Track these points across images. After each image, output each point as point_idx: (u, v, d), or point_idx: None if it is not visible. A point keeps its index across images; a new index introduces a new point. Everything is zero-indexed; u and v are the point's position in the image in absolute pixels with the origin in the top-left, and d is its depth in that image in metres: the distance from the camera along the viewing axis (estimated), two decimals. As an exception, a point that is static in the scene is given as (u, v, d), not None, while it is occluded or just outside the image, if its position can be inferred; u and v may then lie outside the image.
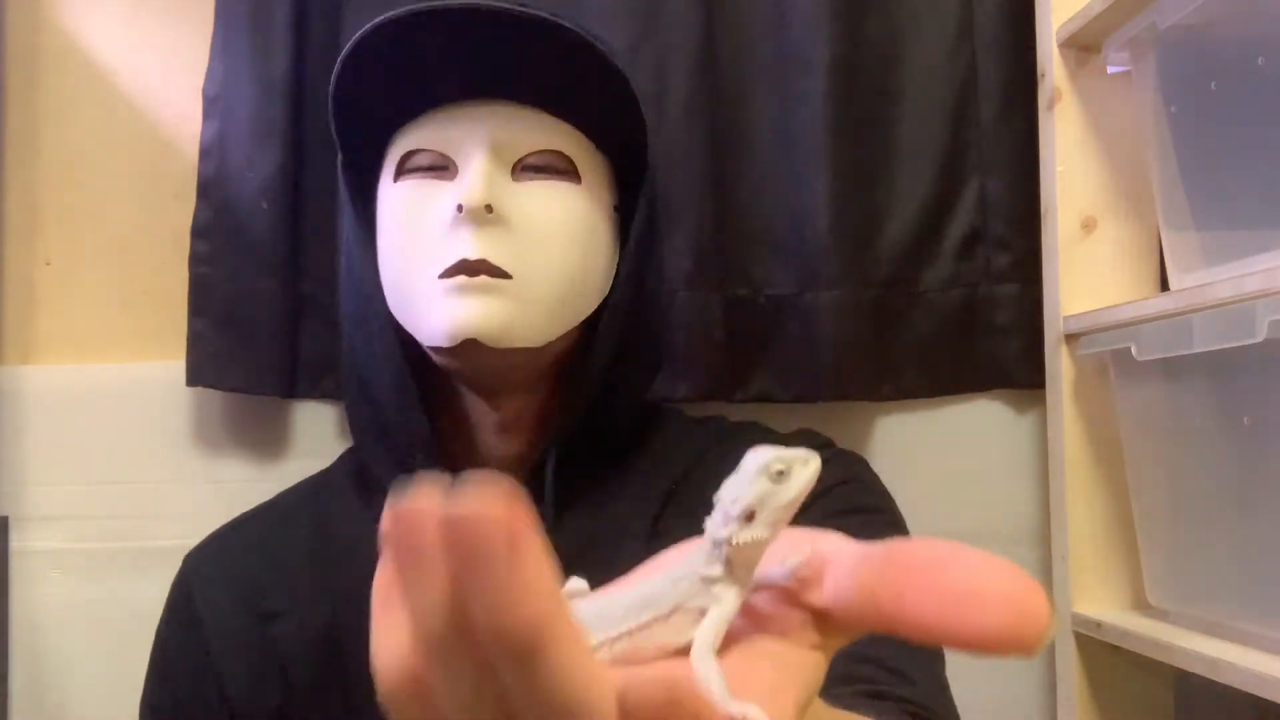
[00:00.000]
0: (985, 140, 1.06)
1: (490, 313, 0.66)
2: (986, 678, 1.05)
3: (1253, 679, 0.72)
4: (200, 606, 0.74)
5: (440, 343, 0.68)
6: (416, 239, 0.69)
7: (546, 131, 0.70)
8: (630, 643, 0.28)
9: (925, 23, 1.07)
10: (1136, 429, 0.91)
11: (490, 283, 0.66)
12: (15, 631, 1.03)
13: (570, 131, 0.71)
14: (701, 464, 0.75)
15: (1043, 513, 1.04)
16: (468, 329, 0.66)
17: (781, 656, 0.28)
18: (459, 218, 0.66)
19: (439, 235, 0.68)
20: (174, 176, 1.06)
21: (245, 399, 1.03)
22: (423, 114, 0.71)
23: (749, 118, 1.05)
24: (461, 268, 0.66)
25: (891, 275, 1.06)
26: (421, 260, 0.68)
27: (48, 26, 1.08)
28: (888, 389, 1.05)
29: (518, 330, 0.67)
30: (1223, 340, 0.74)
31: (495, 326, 0.66)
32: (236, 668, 0.72)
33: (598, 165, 0.73)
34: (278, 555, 0.75)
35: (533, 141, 0.70)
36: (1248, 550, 0.78)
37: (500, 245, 0.67)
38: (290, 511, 0.79)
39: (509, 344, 0.68)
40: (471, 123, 0.69)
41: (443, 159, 0.70)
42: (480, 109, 0.70)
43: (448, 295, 0.66)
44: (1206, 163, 0.83)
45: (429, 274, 0.67)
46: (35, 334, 1.07)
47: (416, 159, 0.71)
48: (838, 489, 0.72)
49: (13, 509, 1.04)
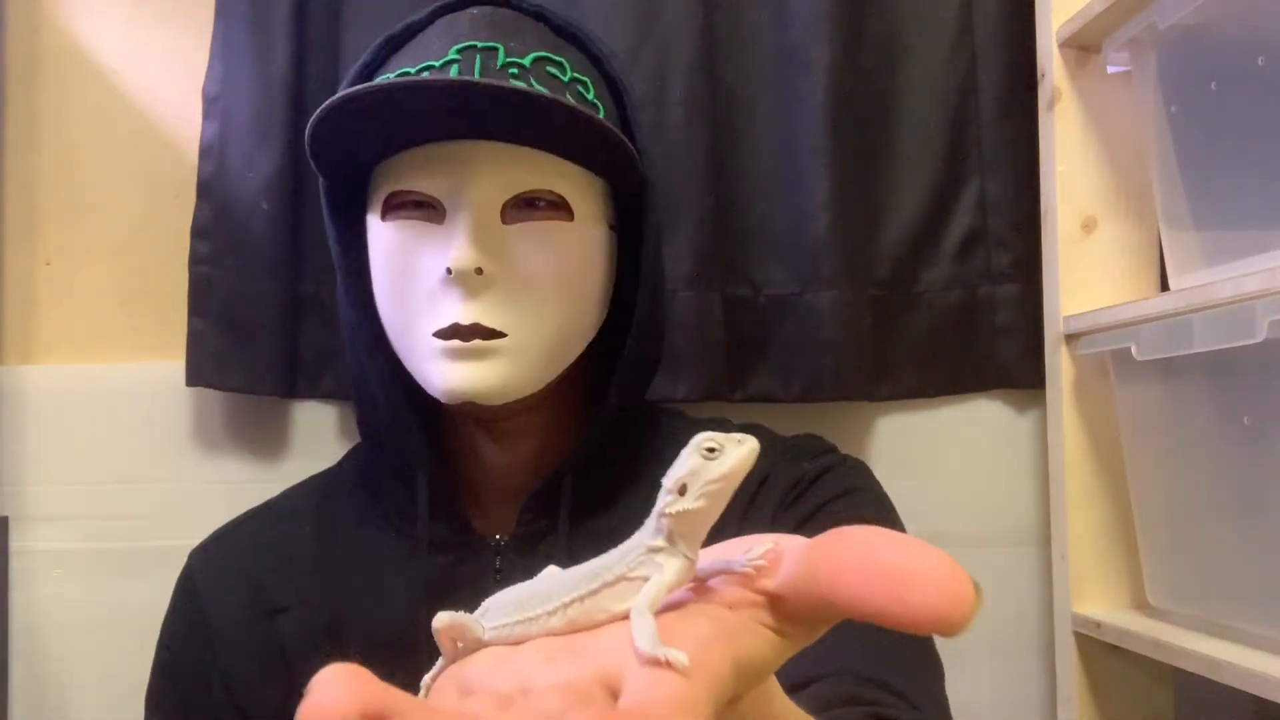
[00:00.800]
0: (985, 140, 1.06)
1: (485, 375, 0.66)
2: (986, 678, 1.05)
3: (1253, 679, 0.72)
4: (205, 602, 0.74)
5: (439, 398, 0.68)
6: (409, 287, 0.68)
7: (535, 170, 0.67)
8: (581, 608, 0.32)
9: (925, 23, 1.07)
10: (1136, 429, 0.91)
11: (484, 346, 0.66)
12: (15, 631, 1.03)
13: (558, 164, 0.68)
14: None
15: (1043, 513, 1.04)
16: (464, 393, 0.66)
17: (721, 618, 0.30)
18: (449, 279, 0.65)
19: (431, 291, 0.67)
20: (174, 176, 1.06)
21: (245, 399, 1.03)
22: (405, 149, 0.69)
23: (749, 118, 1.05)
24: (454, 332, 0.66)
25: (891, 275, 1.06)
26: (415, 312, 0.67)
27: (48, 26, 1.08)
28: (887, 389, 1.05)
29: (514, 386, 0.67)
30: (1223, 340, 0.74)
31: (491, 388, 0.66)
32: (241, 662, 0.72)
33: (590, 191, 0.70)
34: (282, 552, 0.75)
35: (521, 182, 0.67)
36: (1248, 550, 0.78)
37: (492, 306, 0.66)
38: (295, 509, 0.79)
39: (507, 400, 0.68)
40: (456, 165, 0.67)
41: (429, 199, 0.68)
42: (465, 147, 0.67)
43: (443, 357, 0.66)
44: (1206, 163, 0.83)
45: (424, 330, 0.67)
46: (35, 334, 1.07)
47: (403, 197, 0.69)
48: (841, 499, 0.71)
49: (13, 509, 1.04)
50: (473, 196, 0.66)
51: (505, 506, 0.73)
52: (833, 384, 1.01)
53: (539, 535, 0.71)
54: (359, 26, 1.03)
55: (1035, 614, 1.05)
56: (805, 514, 0.71)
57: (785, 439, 0.79)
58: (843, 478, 0.74)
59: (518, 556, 0.70)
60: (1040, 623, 1.05)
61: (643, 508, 0.31)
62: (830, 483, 0.73)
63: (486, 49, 0.66)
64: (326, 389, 1.04)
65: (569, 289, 0.69)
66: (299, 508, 0.78)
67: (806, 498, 0.72)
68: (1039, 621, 1.05)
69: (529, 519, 0.71)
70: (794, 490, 0.72)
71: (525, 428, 0.73)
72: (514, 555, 0.71)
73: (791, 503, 0.71)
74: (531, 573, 0.36)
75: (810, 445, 0.78)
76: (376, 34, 0.99)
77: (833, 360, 1.00)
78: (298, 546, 0.75)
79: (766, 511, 0.71)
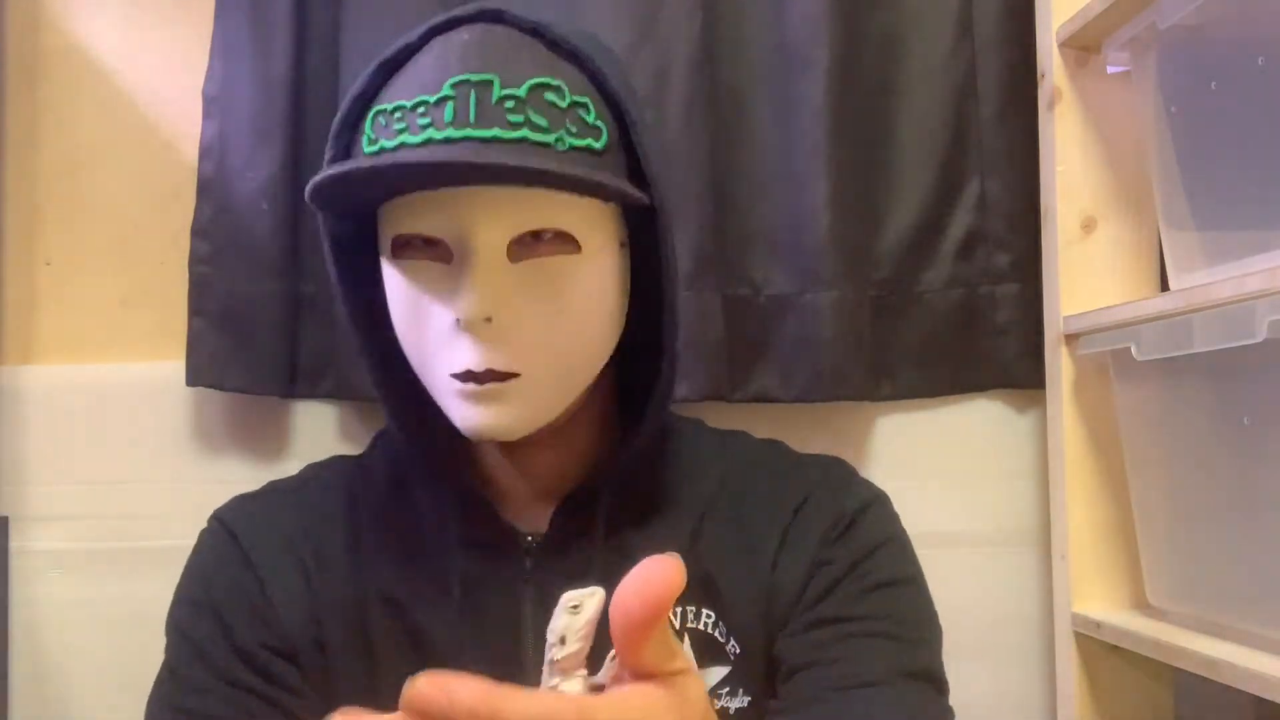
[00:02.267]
0: (985, 140, 1.06)
1: (500, 416, 0.67)
2: (987, 678, 1.05)
3: (1253, 679, 0.72)
4: (248, 546, 0.74)
5: (462, 433, 0.69)
6: (424, 329, 0.68)
7: (539, 207, 0.66)
8: None
9: (925, 23, 1.07)
10: (1136, 429, 0.91)
11: (499, 388, 0.66)
12: (15, 631, 1.03)
13: (563, 199, 0.67)
14: (727, 490, 0.76)
15: (1043, 513, 1.04)
16: (483, 432, 0.67)
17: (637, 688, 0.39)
18: (459, 326, 0.66)
19: (443, 335, 0.67)
20: (174, 176, 1.06)
21: (245, 399, 1.03)
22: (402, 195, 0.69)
23: (749, 118, 1.05)
24: (468, 377, 0.66)
25: (891, 275, 1.06)
26: (432, 353, 0.68)
27: (48, 26, 1.08)
28: (887, 389, 1.05)
29: (533, 421, 0.68)
30: (1223, 340, 0.74)
31: (511, 426, 0.67)
32: (288, 601, 0.72)
33: (599, 218, 0.69)
34: (318, 522, 0.76)
35: (526, 221, 0.66)
36: (1248, 550, 0.78)
37: (504, 349, 0.66)
38: (327, 487, 0.79)
39: (526, 433, 0.69)
40: (457, 209, 0.66)
41: (436, 241, 0.68)
42: (464, 192, 0.66)
43: (461, 399, 0.67)
44: (1206, 163, 0.83)
45: (441, 370, 0.68)
46: (35, 334, 1.07)
47: (408, 238, 0.69)
48: (862, 564, 0.72)
49: (13, 509, 1.04)
50: (479, 241, 0.65)
51: (535, 508, 0.74)
52: (833, 384, 1.01)
53: (571, 538, 0.72)
54: (359, 26, 1.03)
55: (1035, 614, 1.05)
56: (859, 554, 0.73)
57: (808, 457, 0.80)
58: (880, 521, 0.76)
59: (548, 557, 0.72)
60: (1040, 623, 1.05)
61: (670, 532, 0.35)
62: (873, 525, 0.75)
63: (481, 83, 0.65)
64: (326, 389, 1.04)
65: (580, 322, 0.69)
66: (333, 486, 0.79)
67: (854, 535, 0.73)
68: (1039, 621, 1.05)
69: (561, 522, 0.72)
70: (837, 526, 0.73)
71: (546, 439, 0.73)
72: (545, 556, 0.72)
73: (838, 538, 0.73)
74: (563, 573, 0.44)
75: (834, 469, 0.79)
76: (376, 34, 1.00)
77: (833, 360, 1.00)
78: (332, 524, 0.76)
79: (812, 539, 0.73)
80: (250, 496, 0.79)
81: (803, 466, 0.78)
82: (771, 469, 0.78)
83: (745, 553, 0.73)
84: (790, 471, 0.78)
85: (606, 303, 0.71)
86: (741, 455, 0.80)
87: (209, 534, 0.77)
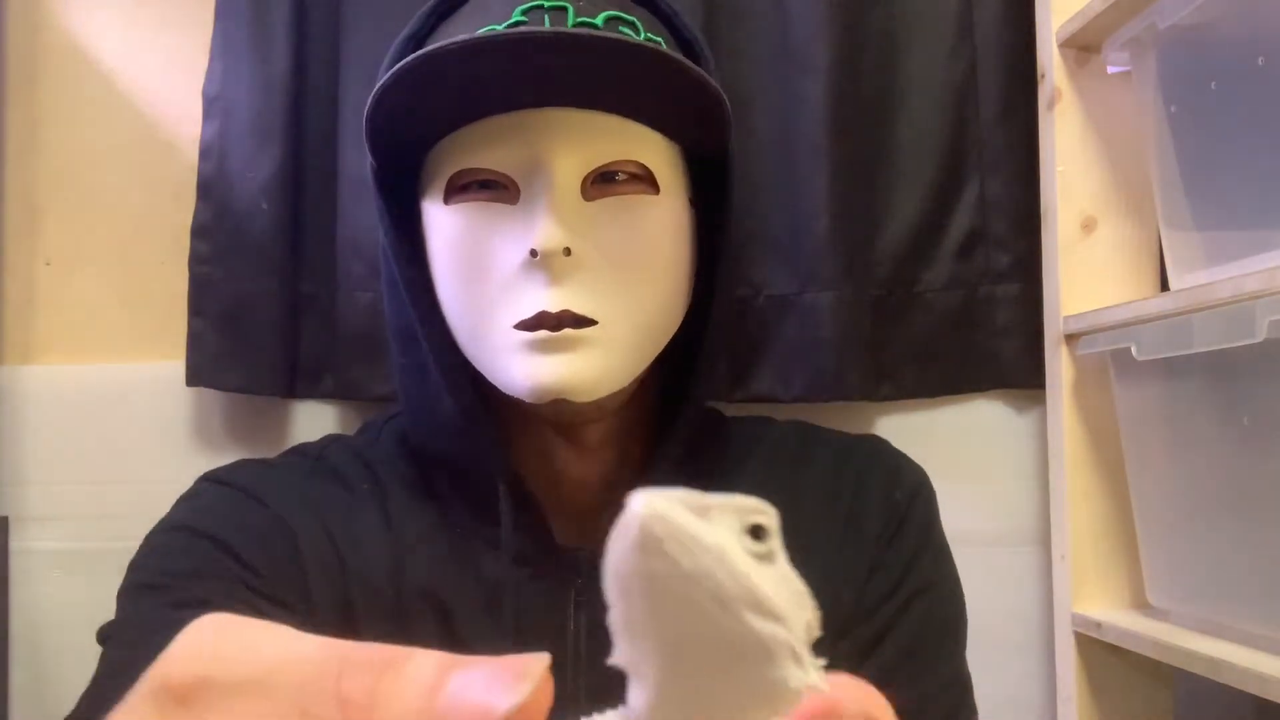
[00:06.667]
0: (985, 140, 1.06)
1: (577, 369, 0.60)
2: (987, 678, 1.04)
3: (1253, 679, 0.72)
4: (268, 499, 0.65)
5: (523, 398, 0.62)
6: (483, 278, 0.61)
7: (616, 138, 0.61)
8: None
9: (925, 23, 1.07)
10: (1136, 429, 0.91)
11: (575, 335, 0.60)
12: (15, 631, 1.03)
13: (639, 131, 0.62)
14: (776, 482, 0.72)
15: (1043, 513, 1.04)
16: (555, 389, 0.60)
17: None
18: (533, 262, 0.59)
19: (509, 278, 0.61)
20: (174, 176, 1.06)
21: (245, 399, 1.03)
22: (467, 123, 0.62)
23: (749, 118, 1.05)
24: (542, 321, 0.59)
25: (891, 275, 1.06)
26: (491, 304, 0.61)
27: (48, 26, 1.08)
28: (887, 389, 1.05)
29: (608, 380, 0.62)
30: (1223, 340, 0.74)
31: (585, 382, 0.60)
32: (320, 570, 0.63)
33: (672, 160, 0.64)
34: (345, 493, 0.67)
35: (602, 153, 0.61)
36: (1248, 550, 0.78)
37: (582, 290, 0.60)
38: (347, 460, 0.70)
39: (598, 396, 0.62)
40: (530, 136, 0.60)
41: (500, 176, 0.61)
42: (535, 117, 0.61)
43: (528, 351, 0.60)
44: (1206, 163, 0.83)
45: (502, 322, 0.61)
46: (35, 334, 1.07)
47: (469, 177, 0.62)
48: (912, 569, 0.70)
49: (13, 509, 1.04)
50: (552, 171, 0.59)
51: (580, 517, 0.68)
52: (833, 384, 1.01)
53: None
54: (359, 26, 1.03)
55: (1035, 614, 1.05)
56: (909, 554, 0.70)
57: (849, 438, 0.77)
58: (925, 510, 0.74)
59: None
60: (1040, 623, 1.05)
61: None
62: (919, 516, 0.73)
63: (555, 9, 0.60)
64: (326, 389, 1.04)
65: (660, 269, 0.63)
66: (348, 472, 0.70)
67: (905, 532, 0.71)
68: (1039, 621, 1.05)
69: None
70: (892, 522, 0.71)
71: (605, 434, 0.68)
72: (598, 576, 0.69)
73: (891, 538, 0.71)
74: None
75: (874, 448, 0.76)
76: (378, 34, 1.00)
77: (833, 360, 1.00)
78: (364, 504, 0.67)
79: (870, 535, 0.70)
80: (251, 460, 0.70)
81: (847, 453, 0.75)
82: (817, 459, 0.74)
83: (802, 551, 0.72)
84: (835, 459, 0.74)
85: (683, 253, 0.65)
86: (783, 445, 0.75)
87: (203, 491, 0.66)
